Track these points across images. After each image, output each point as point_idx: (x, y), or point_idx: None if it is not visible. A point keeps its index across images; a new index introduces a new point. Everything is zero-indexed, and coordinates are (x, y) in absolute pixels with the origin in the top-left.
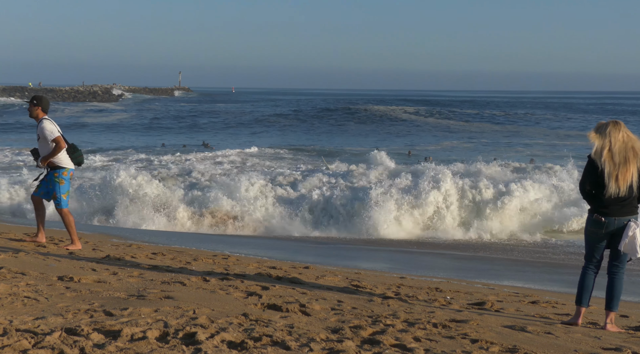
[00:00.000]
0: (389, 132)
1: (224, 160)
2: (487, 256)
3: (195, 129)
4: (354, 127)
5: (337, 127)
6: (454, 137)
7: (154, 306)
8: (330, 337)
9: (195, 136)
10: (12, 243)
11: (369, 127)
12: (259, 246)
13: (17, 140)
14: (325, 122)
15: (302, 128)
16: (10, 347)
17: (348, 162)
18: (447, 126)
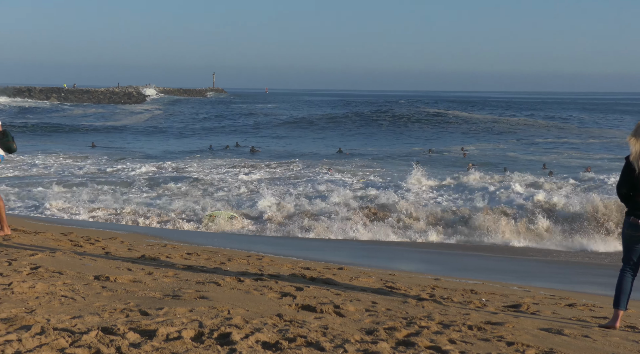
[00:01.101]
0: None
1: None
2: (523, 257)
3: (233, 130)
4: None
5: (404, 129)
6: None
7: (189, 306)
8: (364, 338)
9: (230, 137)
10: (49, 243)
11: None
12: (293, 247)
13: (57, 142)
14: (392, 124)
15: (368, 131)
16: (47, 346)
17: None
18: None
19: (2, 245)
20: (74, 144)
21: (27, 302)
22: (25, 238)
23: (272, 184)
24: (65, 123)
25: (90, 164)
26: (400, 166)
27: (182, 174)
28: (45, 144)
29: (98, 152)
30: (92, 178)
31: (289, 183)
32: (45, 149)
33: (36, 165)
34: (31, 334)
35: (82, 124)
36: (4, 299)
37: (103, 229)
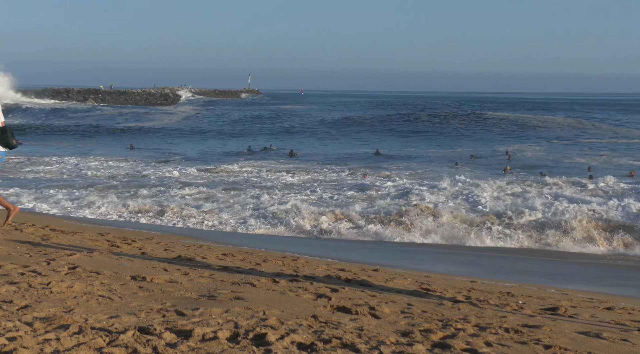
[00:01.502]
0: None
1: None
2: (561, 260)
3: (269, 132)
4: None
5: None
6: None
7: (225, 306)
8: (400, 340)
9: (266, 139)
10: (86, 243)
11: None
12: (327, 248)
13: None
14: (429, 126)
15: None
16: (85, 345)
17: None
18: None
19: (41, 245)
20: (112, 146)
21: (65, 301)
22: (63, 238)
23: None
24: (102, 125)
25: (134, 166)
26: (446, 168)
27: (233, 177)
28: (85, 146)
29: (138, 155)
30: (141, 180)
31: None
32: (85, 152)
33: (83, 167)
34: (69, 333)
35: (119, 125)
36: (43, 298)
37: (139, 230)
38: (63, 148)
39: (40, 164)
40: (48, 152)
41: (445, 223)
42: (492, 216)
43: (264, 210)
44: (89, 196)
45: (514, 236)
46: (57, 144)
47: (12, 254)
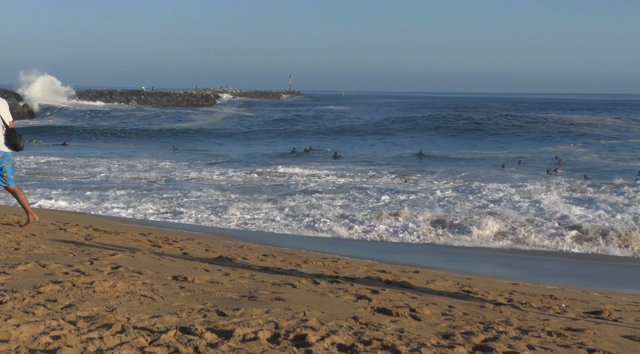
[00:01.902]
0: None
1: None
2: (604, 263)
3: (311, 133)
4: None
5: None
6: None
7: (265, 307)
8: (441, 342)
9: (308, 140)
10: (129, 243)
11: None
12: (367, 249)
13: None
14: (472, 127)
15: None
16: (128, 344)
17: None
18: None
19: (84, 244)
20: (155, 147)
21: (108, 301)
22: (106, 238)
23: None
24: (145, 126)
25: (180, 167)
26: (494, 171)
27: (282, 178)
28: (129, 148)
29: (183, 157)
30: (190, 183)
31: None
32: (129, 154)
33: (128, 168)
34: (112, 332)
35: (162, 127)
36: (86, 297)
37: (181, 230)
38: (107, 149)
39: (85, 166)
40: (92, 153)
41: (507, 227)
42: (543, 220)
43: (314, 213)
44: (137, 197)
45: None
46: (102, 145)
47: (57, 254)
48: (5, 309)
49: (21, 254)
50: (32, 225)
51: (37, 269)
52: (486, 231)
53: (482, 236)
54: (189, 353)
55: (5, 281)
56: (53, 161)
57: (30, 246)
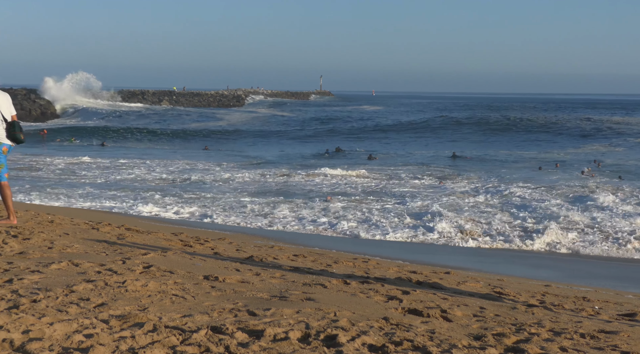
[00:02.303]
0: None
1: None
2: (638, 264)
3: (343, 133)
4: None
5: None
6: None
7: (296, 307)
8: (472, 344)
9: (339, 141)
10: (160, 242)
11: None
12: (398, 250)
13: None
14: (505, 127)
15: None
16: (159, 343)
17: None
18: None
19: (116, 244)
20: (188, 147)
21: (140, 300)
22: (138, 237)
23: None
24: (178, 127)
25: (211, 168)
26: (532, 172)
27: (319, 181)
28: (163, 149)
29: (217, 157)
30: (225, 183)
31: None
32: (164, 155)
33: (169, 169)
34: (144, 331)
35: (194, 127)
36: (118, 296)
37: (212, 230)
38: (142, 150)
39: (121, 166)
40: (128, 154)
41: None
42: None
43: (347, 215)
44: (170, 197)
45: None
46: (136, 145)
47: (89, 253)
48: (39, 307)
49: (55, 253)
50: (3, 224)
51: (71, 268)
52: (543, 240)
53: (535, 244)
54: (220, 352)
55: (39, 280)
56: (95, 162)
57: (64, 245)
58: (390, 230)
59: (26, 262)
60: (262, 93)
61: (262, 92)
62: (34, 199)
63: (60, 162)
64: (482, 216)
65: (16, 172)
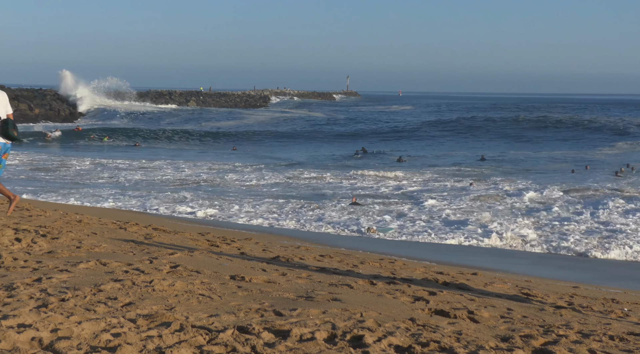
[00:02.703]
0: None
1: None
2: None
3: (371, 134)
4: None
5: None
6: None
7: (322, 307)
8: (499, 345)
9: (368, 142)
10: (187, 242)
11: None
12: (424, 250)
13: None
14: (534, 128)
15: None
16: (186, 342)
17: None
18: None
19: (144, 243)
20: (217, 148)
21: (167, 299)
22: (165, 237)
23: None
24: (206, 129)
25: (239, 169)
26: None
27: (350, 183)
28: (193, 149)
29: (246, 158)
30: (253, 184)
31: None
32: (193, 156)
33: (199, 170)
34: (171, 330)
35: (222, 128)
36: (146, 296)
37: (238, 230)
38: (172, 151)
39: (152, 168)
40: (160, 155)
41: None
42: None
43: (377, 217)
44: (197, 198)
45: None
46: (166, 146)
47: (117, 252)
48: (68, 306)
49: (83, 252)
50: (13, 206)
51: (98, 267)
52: (573, 245)
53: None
54: (246, 352)
55: (67, 279)
56: (126, 162)
57: (92, 245)
58: (419, 232)
59: (55, 262)
60: (289, 93)
61: (289, 93)
62: (67, 199)
63: (89, 162)
64: (511, 218)
65: (45, 173)
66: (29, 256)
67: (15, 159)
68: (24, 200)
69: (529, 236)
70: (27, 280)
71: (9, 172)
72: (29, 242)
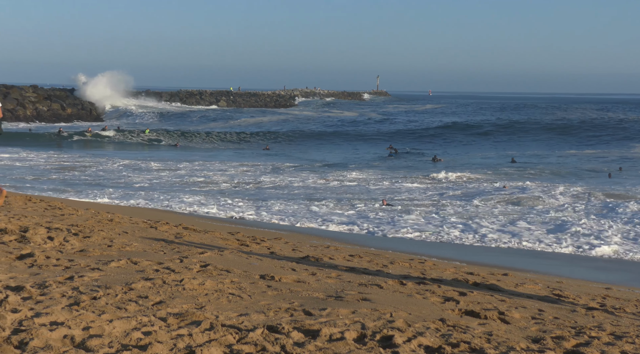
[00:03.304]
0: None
1: None
2: None
3: (401, 134)
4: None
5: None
6: None
7: (352, 307)
8: (530, 347)
9: (398, 142)
10: (217, 241)
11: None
12: (455, 250)
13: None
14: (563, 130)
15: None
16: (216, 341)
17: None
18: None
19: (174, 242)
20: (251, 149)
21: (197, 298)
22: (195, 236)
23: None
24: (240, 129)
25: (269, 170)
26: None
27: (387, 185)
28: (228, 148)
29: (277, 159)
30: (284, 185)
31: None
32: (228, 157)
33: (235, 171)
34: (201, 329)
35: (253, 128)
36: (176, 295)
37: (268, 229)
38: (207, 151)
39: (190, 168)
40: (193, 155)
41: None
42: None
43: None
44: (230, 197)
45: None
46: (201, 146)
47: (148, 251)
48: (99, 304)
49: (114, 251)
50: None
51: (129, 266)
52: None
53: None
54: (276, 351)
55: (99, 277)
56: (161, 164)
57: (123, 244)
58: (449, 234)
59: (86, 260)
60: (319, 93)
61: (319, 93)
62: (101, 197)
63: (126, 162)
64: (543, 222)
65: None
66: (61, 254)
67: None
68: (55, 199)
69: (562, 239)
70: (60, 278)
71: (37, 171)
72: (61, 241)
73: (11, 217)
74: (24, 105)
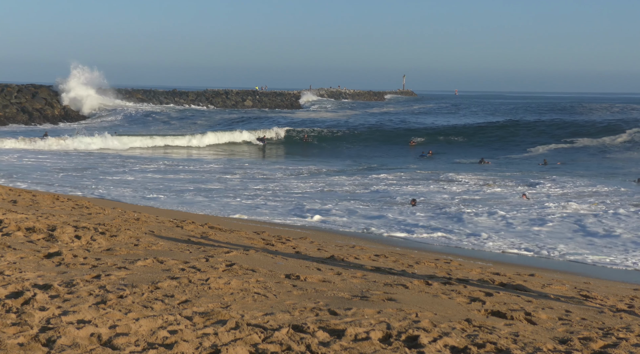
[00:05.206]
0: None
1: None
2: None
3: (435, 135)
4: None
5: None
6: None
7: (377, 307)
8: (557, 348)
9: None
10: (243, 241)
11: None
12: (481, 251)
13: None
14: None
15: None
16: (242, 340)
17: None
18: None
19: (200, 242)
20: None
21: (222, 297)
22: (221, 236)
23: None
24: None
25: (301, 172)
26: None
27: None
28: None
29: (311, 160)
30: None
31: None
32: (260, 159)
33: (260, 174)
34: (226, 328)
35: (279, 127)
36: (202, 294)
37: (293, 229)
38: (245, 152)
39: (224, 169)
40: (216, 159)
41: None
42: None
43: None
44: (253, 199)
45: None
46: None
47: (174, 250)
48: (126, 303)
49: (140, 250)
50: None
51: (156, 265)
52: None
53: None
54: (301, 351)
55: (125, 276)
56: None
57: (149, 243)
58: (483, 237)
59: (113, 259)
60: (345, 93)
61: (345, 92)
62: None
63: (154, 166)
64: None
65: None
66: (88, 253)
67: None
68: (80, 197)
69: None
70: (87, 277)
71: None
72: (88, 240)
73: (39, 216)
74: (52, 105)
